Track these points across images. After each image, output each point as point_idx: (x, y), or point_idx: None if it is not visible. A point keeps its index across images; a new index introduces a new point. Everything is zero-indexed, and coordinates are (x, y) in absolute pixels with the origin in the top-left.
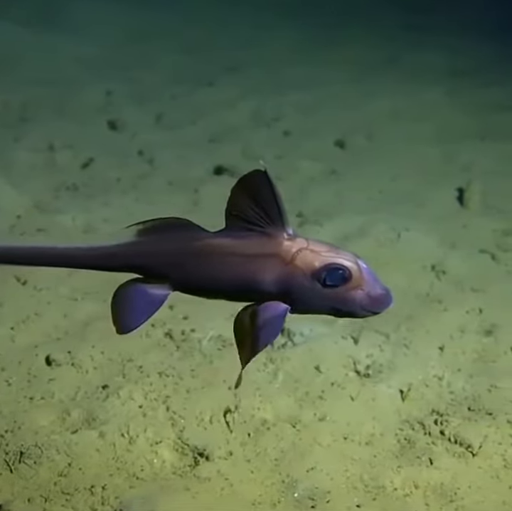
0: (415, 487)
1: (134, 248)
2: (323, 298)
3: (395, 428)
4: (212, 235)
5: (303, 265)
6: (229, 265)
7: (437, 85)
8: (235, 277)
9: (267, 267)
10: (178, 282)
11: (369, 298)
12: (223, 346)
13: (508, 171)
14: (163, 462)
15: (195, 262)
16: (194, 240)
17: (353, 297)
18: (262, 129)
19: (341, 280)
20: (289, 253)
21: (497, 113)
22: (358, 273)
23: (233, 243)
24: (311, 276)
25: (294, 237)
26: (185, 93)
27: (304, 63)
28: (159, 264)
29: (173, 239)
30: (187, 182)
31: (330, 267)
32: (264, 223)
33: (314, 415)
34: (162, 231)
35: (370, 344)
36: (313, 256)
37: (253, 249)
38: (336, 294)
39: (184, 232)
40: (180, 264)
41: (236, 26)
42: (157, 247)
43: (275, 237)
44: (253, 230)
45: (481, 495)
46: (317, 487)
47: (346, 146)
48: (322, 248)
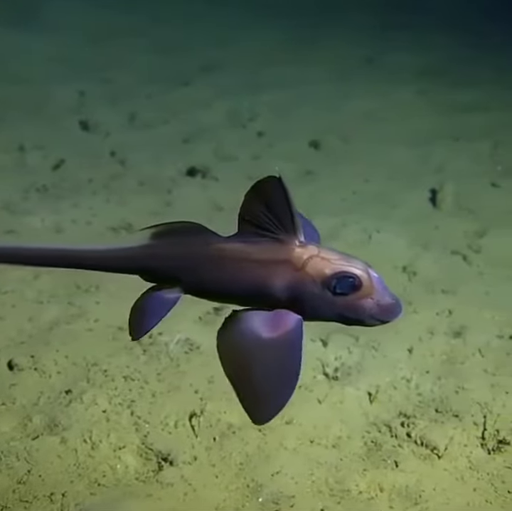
0: (380, 490)
1: (147, 250)
2: (332, 306)
3: (362, 430)
4: (225, 240)
5: (313, 272)
6: (240, 269)
7: (412, 85)
8: (246, 282)
9: (278, 273)
10: (190, 286)
11: (378, 307)
12: (190, 350)
13: (481, 171)
14: (127, 468)
15: (207, 267)
16: (206, 245)
17: (363, 305)
18: (237, 130)
19: (351, 288)
20: (300, 259)
21: (470, 113)
22: (368, 282)
23: (245, 248)
24: (322, 283)
25: (305, 244)
26: (160, 93)
27: (281, 63)
28: (171, 267)
29: (185, 243)
30: (159, 183)
31: (340, 275)
32: (276, 229)
33: (281, 419)
34: (175, 235)
35: (339, 346)
36: (324, 264)
37: (264, 255)
38: (346, 302)
39: (197, 236)
40: (192, 268)
41: (213, 25)
42: (170, 250)
43: (287, 243)
44: (265, 235)
45: (446, 497)
46: (282, 491)
47: (321, 147)
48: (333, 255)
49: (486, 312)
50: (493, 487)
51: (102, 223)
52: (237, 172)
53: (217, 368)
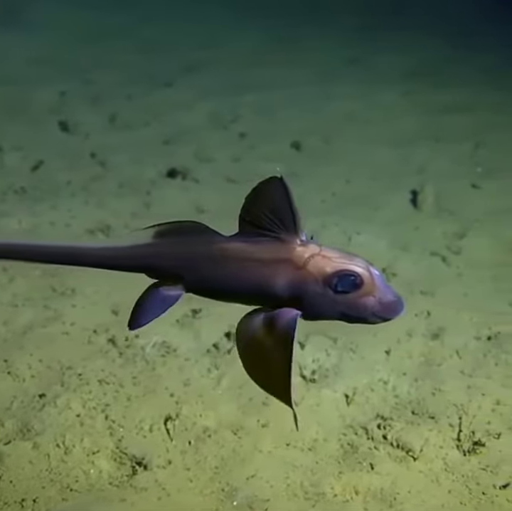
0: (355, 492)
1: (151, 249)
2: (334, 304)
3: (339, 433)
4: (227, 240)
5: (315, 270)
6: (242, 268)
7: (396, 86)
8: (248, 281)
9: (280, 272)
10: (192, 284)
11: (380, 305)
12: (167, 353)
13: (462, 173)
14: (100, 473)
15: (209, 265)
16: (209, 244)
17: (365, 303)
18: (219, 131)
19: (353, 286)
20: (301, 258)
21: (452, 114)
22: (370, 280)
23: (247, 248)
24: (323, 282)
25: (306, 243)
26: (141, 94)
27: (263, 64)
28: (174, 266)
29: (188, 242)
30: (139, 185)
31: (341, 273)
32: (277, 228)
33: (257, 422)
34: (178, 234)
35: (316, 348)
36: (325, 262)
37: (266, 254)
38: (348, 300)
39: (199, 235)
40: (194, 266)
41: (199, 26)
42: (173, 249)
43: (288, 242)
44: (267, 235)
45: (421, 500)
46: (256, 495)
47: (302, 148)
48: (334, 254)
49: (464, 314)
50: (467, 489)
51: (81, 225)
52: (218, 174)
53: (193, 371)
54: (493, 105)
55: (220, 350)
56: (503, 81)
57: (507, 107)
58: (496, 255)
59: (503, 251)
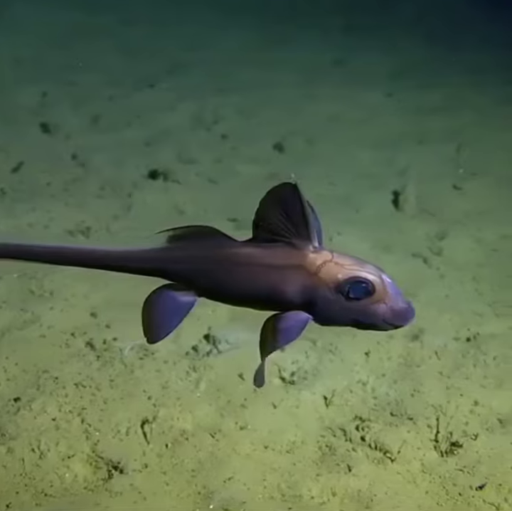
0: (333, 494)
1: (164, 253)
2: (346, 310)
3: (317, 435)
4: (240, 245)
5: (327, 277)
6: (255, 274)
7: (377, 87)
8: (260, 287)
9: (292, 278)
10: (205, 289)
11: (391, 312)
12: (145, 355)
13: (443, 174)
14: (75, 477)
15: (222, 270)
16: (222, 249)
17: (376, 310)
18: (201, 132)
19: (364, 293)
20: (313, 265)
21: (435, 115)
22: (382, 287)
23: (260, 253)
24: (335, 288)
25: (319, 249)
26: (124, 95)
27: (247, 65)
28: (187, 270)
29: (201, 247)
30: (120, 186)
31: (353, 280)
32: (290, 234)
33: (235, 424)
34: (192, 239)
35: (296, 350)
36: (337, 269)
37: (279, 260)
38: (359, 307)
39: (213, 240)
40: (207, 271)
41: (180, 26)
42: (186, 253)
43: (301, 249)
44: (280, 241)
45: (397, 501)
46: (233, 497)
47: (285, 150)
48: (347, 261)
49: (445, 315)
50: (444, 490)
51: (60, 226)
52: (200, 175)
53: (171, 374)
54: (476, 106)
55: (199, 353)
56: (485, 82)
57: (490, 109)
58: (476, 256)
59: (483, 252)
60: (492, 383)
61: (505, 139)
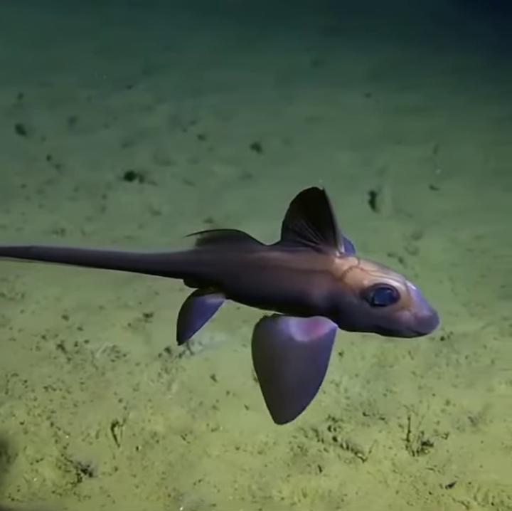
0: (303, 495)
1: (193, 256)
2: (370, 317)
3: (290, 436)
4: (267, 249)
5: (352, 283)
6: (281, 278)
7: (356, 88)
8: (286, 290)
9: (318, 283)
10: (232, 292)
11: (416, 319)
12: (117, 358)
13: (420, 174)
14: (44, 481)
15: (249, 274)
16: (249, 252)
17: (400, 317)
18: (178, 133)
19: (389, 300)
20: (339, 270)
21: (413, 116)
22: (406, 294)
23: (287, 257)
24: (360, 294)
25: (345, 255)
26: (101, 96)
27: (225, 65)
28: (215, 273)
29: (229, 250)
30: (95, 188)
31: (379, 286)
32: (318, 239)
33: (207, 426)
34: (219, 242)
35: None
36: (363, 275)
37: (305, 264)
38: (383, 313)
39: (240, 244)
40: (234, 274)
41: (158, 27)
42: (214, 256)
43: (327, 254)
44: (307, 245)
45: (368, 501)
46: (203, 499)
47: (263, 150)
48: (372, 267)
49: None
50: (415, 489)
51: (33, 228)
52: (176, 176)
53: (143, 376)
54: (454, 107)
55: (172, 354)
56: (464, 82)
57: (468, 109)
58: (451, 256)
59: (458, 252)
60: (464, 382)
61: (482, 140)
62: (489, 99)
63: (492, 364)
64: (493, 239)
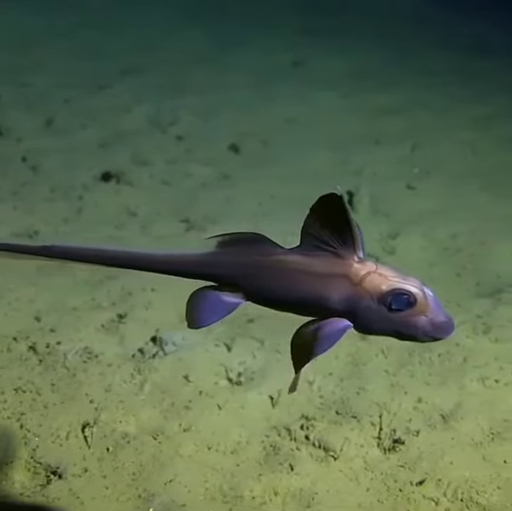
0: (275, 494)
1: (213, 258)
2: (387, 321)
3: (262, 435)
4: (286, 252)
5: (370, 287)
6: (300, 281)
7: (336, 89)
8: (305, 294)
9: (336, 287)
10: (251, 293)
11: (432, 325)
12: (89, 359)
13: (398, 174)
14: (13, 484)
15: (268, 276)
16: (269, 255)
17: (416, 322)
18: (156, 134)
19: (406, 305)
20: (358, 275)
21: (391, 116)
22: (423, 300)
23: (306, 261)
24: (378, 299)
25: (364, 260)
26: (79, 97)
27: (204, 66)
28: (235, 275)
29: (249, 252)
30: (71, 189)
31: (396, 291)
32: (336, 244)
33: (179, 426)
34: (240, 244)
35: (243, 351)
36: (381, 280)
37: (324, 268)
38: (400, 318)
39: (260, 247)
40: (254, 276)
41: (137, 27)
42: (234, 259)
43: (346, 258)
44: (326, 250)
45: (339, 499)
46: (174, 500)
47: (241, 151)
48: (390, 272)
49: None
50: (385, 487)
51: (7, 230)
52: (153, 177)
53: (115, 377)
54: (432, 107)
55: (146, 355)
56: (441, 83)
57: (444, 109)
58: (428, 255)
59: (435, 251)
60: (436, 380)
61: (460, 139)
62: (467, 99)
63: (464, 362)
64: (469, 238)
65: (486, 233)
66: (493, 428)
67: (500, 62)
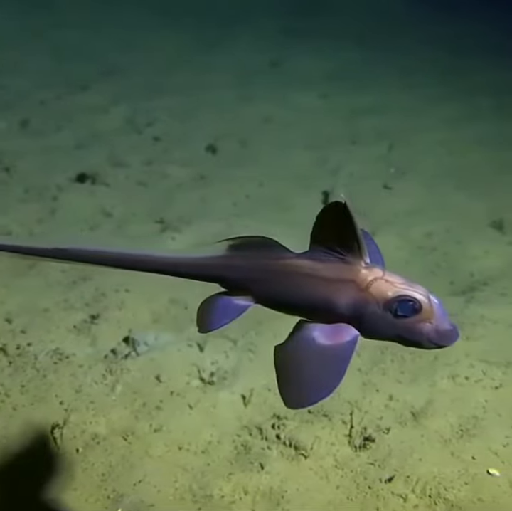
0: (244, 493)
1: (223, 261)
2: (392, 327)
3: (234, 434)
4: (296, 256)
5: (376, 293)
6: (308, 285)
7: (312, 89)
8: (312, 298)
9: (343, 292)
10: (260, 296)
11: (436, 332)
12: (60, 360)
13: (375, 174)
14: None
15: (277, 280)
16: (278, 259)
17: (421, 329)
18: (133, 135)
19: (411, 311)
20: (364, 281)
21: (369, 116)
22: (429, 307)
23: (314, 266)
24: (384, 305)
25: (371, 266)
26: (56, 98)
27: (183, 67)
28: (245, 277)
29: (259, 256)
30: (46, 190)
31: (402, 298)
32: (344, 250)
33: (150, 427)
34: (250, 248)
35: (216, 350)
36: (387, 286)
37: (332, 274)
38: (405, 324)
39: (269, 251)
40: (263, 280)
41: (115, 28)
42: (244, 262)
43: (353, 264)
44: (334, 256)
45: (308, 497)
46: (143, 500)
47: (218, 152)
48: (397, 279)
49: None
50: (355, 484)
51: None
52: (129, 178)
53: (86, 378)
54: (408, 107)
55: (118, 355)
56: (417, 83)
57: (421, 109)
58: (404, 254)
59: (410, 250)
60: (408, 377)
61: (436, 139)
62: (444, 99)
63: (435, 360)
64: (443, 237)
65: (460, 233)
66: (462, 424)
67: (479, 62)
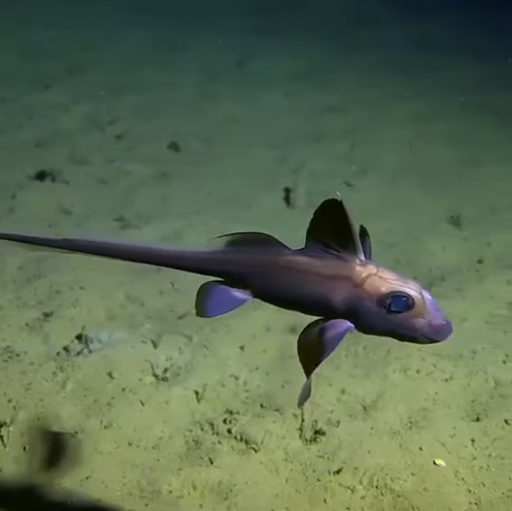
0: (193, 487)
1: (224, 256)
2: (386, 322)
3: (185, 429)
4: (293, 253)
5: (371, 289)
6: (304, 281)
7: (277, 87)
8: (309, 293)
9: (338, 288)
10: (258, 291)
11: (430, 327)
12: (10, 358)
13: (337, 171)
14: None
15: (276, 275)
16: (276, 255)
17: (415, 324)
18: (95, 133)
19: (405, 307)
20: (359, 277)
21: (333, 114)
22: (422, 303)
23: (310, 262)
24: (377, 300)
25: (365, 263)
26: (17, 96)
27: (148, 65)
28: (244, 272)
29: (258, 252)
30: (4, 188)
31: (395, 294)
32: (339, 247)
33: (100, 423)
34: (250, 244)
35: (170, 347)
36: (381, 282)
37: (327, 270)
38: (399, 320)
39: (268, 247)
40: (261, 275)
41: (81, 26)
42: (244, 257)
43: (348, 261)
44: (329, 252)
45: (257, 490)
46: (89, 495)
47: (181, 150)
48: (390, 275)
49: None
50: (304, 477)
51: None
52: (90, 176)
53: (36, 375)
54: (372, 104)
55: (70, 353)
56: (380, 80)
57: (384, 106)
58: None
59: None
60: (360, 372)
61: (397, 136)
62: (406, 97)
63: (388, 353)
64: (402, 233)
65: (419, 228)
66: (412, 416)
67: (442, 60)
